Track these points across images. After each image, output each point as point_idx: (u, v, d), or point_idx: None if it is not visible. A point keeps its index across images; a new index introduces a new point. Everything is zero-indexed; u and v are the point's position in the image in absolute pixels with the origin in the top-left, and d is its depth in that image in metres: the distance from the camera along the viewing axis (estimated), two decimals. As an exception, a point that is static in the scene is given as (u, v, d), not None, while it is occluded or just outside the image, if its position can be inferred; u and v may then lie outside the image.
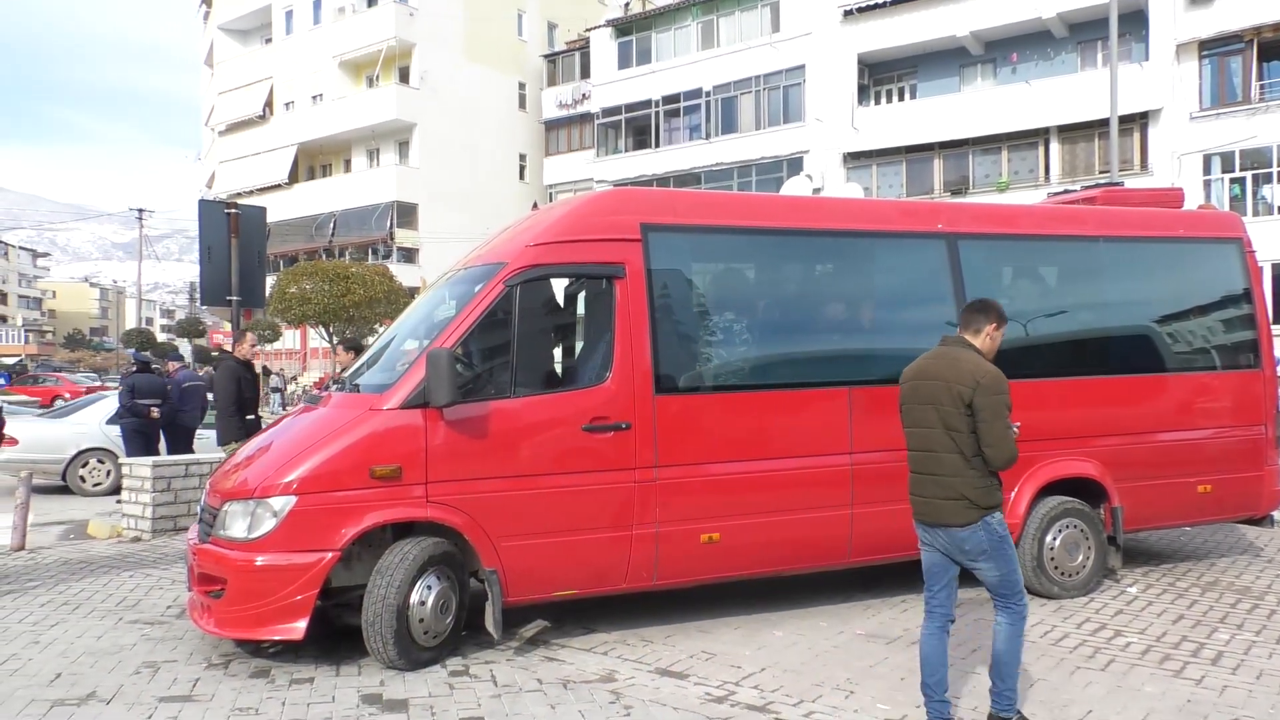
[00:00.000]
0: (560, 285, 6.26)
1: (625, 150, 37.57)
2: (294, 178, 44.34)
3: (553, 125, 41.98)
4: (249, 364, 9.49)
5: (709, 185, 33.47)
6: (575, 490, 5.59)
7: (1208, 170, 25.97)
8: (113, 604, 6.70)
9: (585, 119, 39.82)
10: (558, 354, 6.78)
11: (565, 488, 5.57)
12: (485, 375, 5.71)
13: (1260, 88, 25.68)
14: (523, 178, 44.07)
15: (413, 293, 31.89)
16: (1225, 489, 7.37)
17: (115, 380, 32.08)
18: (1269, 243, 20.28)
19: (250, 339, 9.60)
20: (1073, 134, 28.01)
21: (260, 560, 5.12)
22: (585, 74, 39.72)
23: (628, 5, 40.22)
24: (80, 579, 7.46)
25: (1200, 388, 7.45)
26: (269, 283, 25.51)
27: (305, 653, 5.43)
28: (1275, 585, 7.12)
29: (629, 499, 5.70)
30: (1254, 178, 25.64)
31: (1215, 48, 25.93)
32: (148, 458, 9.79)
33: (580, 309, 6.37)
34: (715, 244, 6.44)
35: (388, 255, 40.20)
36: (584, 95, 39.51)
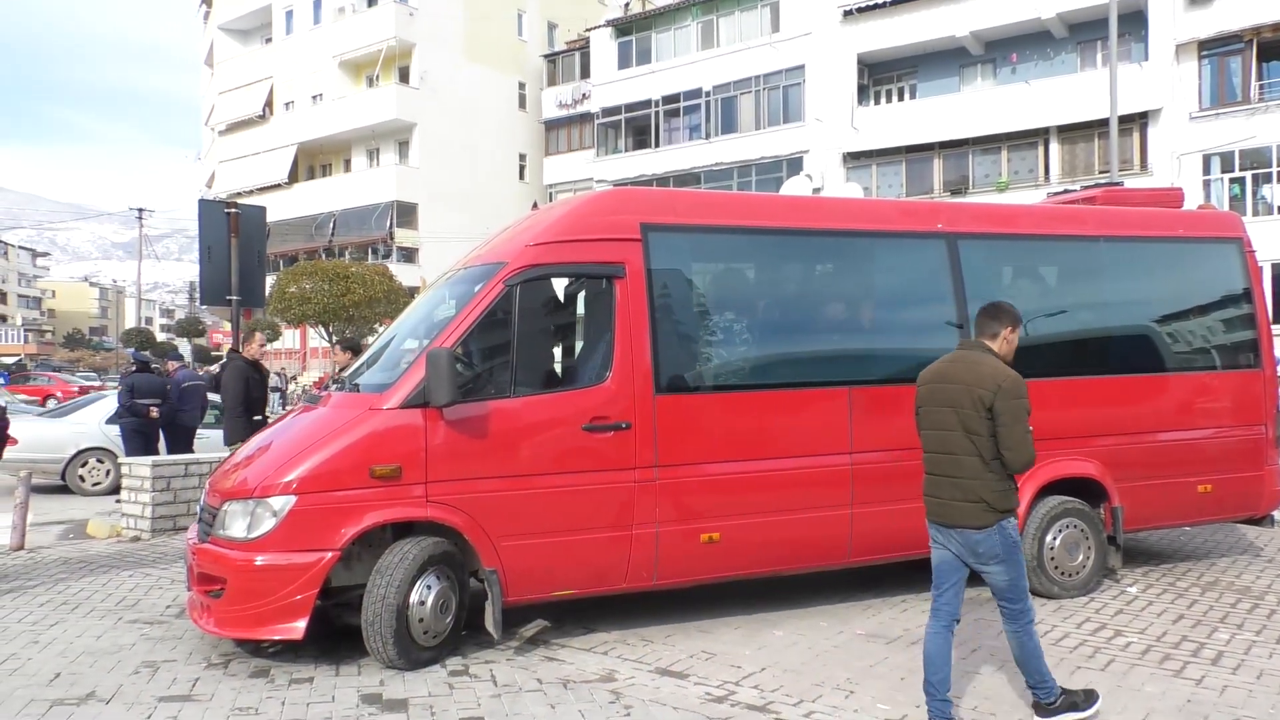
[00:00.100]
0: (560, 285, 6.25)
1: (625, 150, 37.58)
2: (294, 177, 44.35)
3: (553, 125, 41.99)
4: (257, 364, 9.49)
5: (709, 185, 33.47)
6: (575, 490, 5.59)
7: (1207, 170, 25.99)
8: (112, 604, 6.70)
9: (585, 119, 39.83)
10: (558, 354, 6.77)
11: (565, 487, 5.56)
12: (485, 375, 5.71)
13: (1260, 88, 25.69)
14: (523, 178, 44.07)
15: (412, 292, 31.91)
16: (1225, 489, 7.37)
17: (115, 380, 32.07)
18: (1269, 243, 20.29)
19: (259, 339, 9.59)
20: (1072, 134, 28.03)
21: (260, 560, 5.11)
22: (585, 74, 39.73)
23: (628, 5, 40.23)
24: (80, 578, 7.46)
25: (1200, 388, 7.45)
26: (269, 282, 25.50)
27: (305, 652, 5.43)
28: (1275, 585, 7.12)
29: (629, 499, 5.70)
30: (1253, 178, 25.66)
31: (1215, 48, 25.94)
32: (147, 457, 9.79)
33: (580, 309, 6.36)
34: (715, 244, 6.43)
35: (388, 255, 40.21)
36: (584, 95, 39.51)
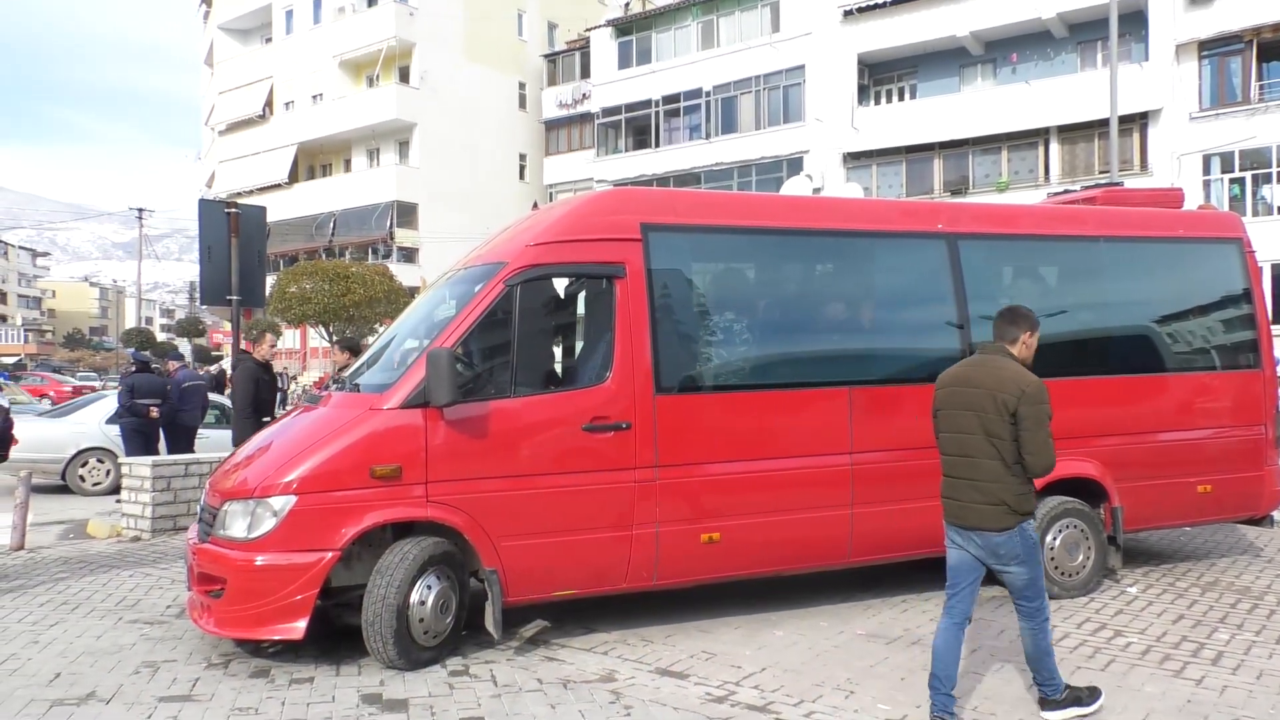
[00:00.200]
0: (560, 285, 6.25)
1: (625, 150, 37.57)
2: (294, 177, 44.32)
3: (553, 125, 41.98)
4: (268, 365, 9.49)
5: (709, 185, 33.47)
6: (575, 490, 5.59)
7: (1207, 170, 25.98)
8: (112, 603, 6.70)
9: (585, 119, 39.82)
10: (558, 354, 6.78)
11: (565, 487, 5.56)
12: (485, 375, 5.71)
13: (1260, 88, 25.69)
14: (523, 178, 44.06)
15: (413, 292, 31.89)
16: (1225, 489, 7.37)
17: (115, 380, 32.06)
18: (1269, 243, 20.30)
19: (269, 339, 9.59)
20: (1072, 134, 28.02)
21: (260, 560, 5.11)
22: (585, 74, 39.72)
23: (628, 5, 40.23)
24: (80, 578, 7.46)
25: (1200, 388, 7.45)
26: (269, 282, 25.51)
27: (305, 652, 5.43)
28: (1275, 585, 7.12)
29: (629, 499, 5.70)
30: (1253, 178, 25.64)
31: (1215, 48, 25.93)
32: (147, 457, 9.79)
33: (580, 309, 6.36)
34: (715, 244, 6.43)
35: (388, 255, 40.19)
36: (584, 95, 39.50)
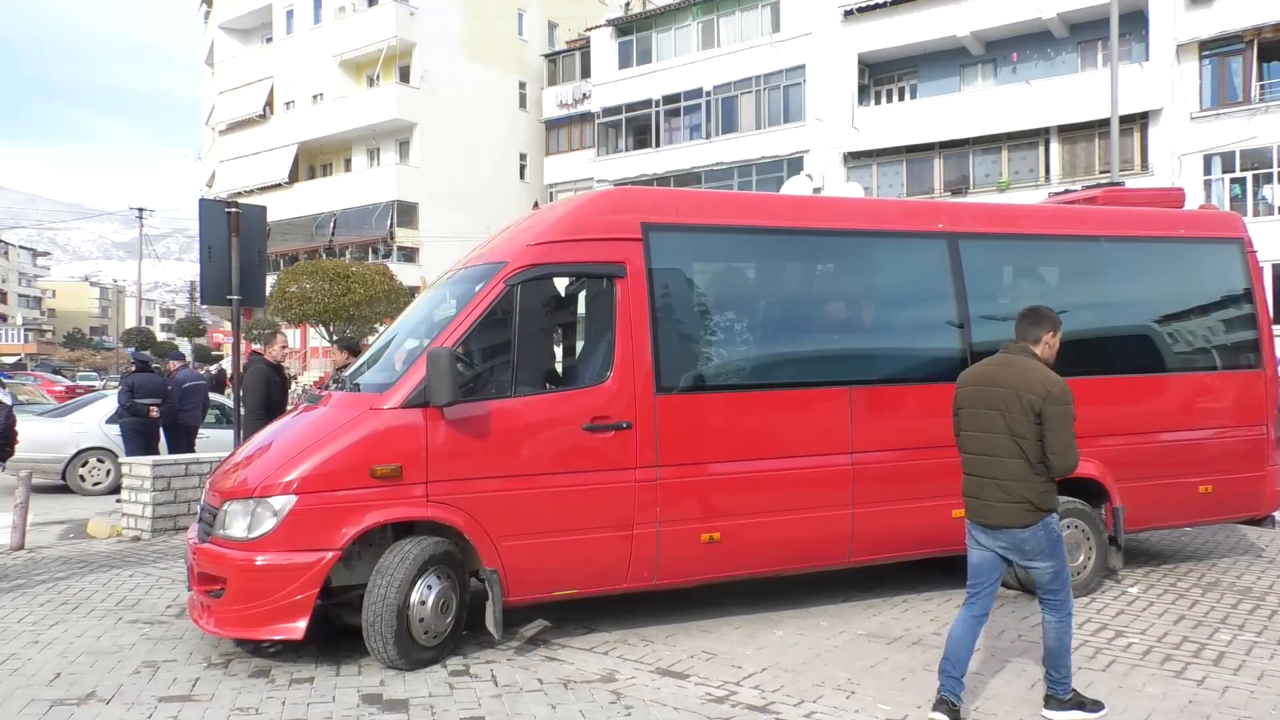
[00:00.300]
0: (561, 284, 6.25)
1: (626, 150, 37.56)
2: (294, 177, 44.29)
3: (553, 125, 41.97)
4: (279, 366, 9.49)
5: (709, 185, 33.46)
6: (576, 490, 5.58)
7: (1208, 170, 25.97)
8: (112, 603, 6.69)
9: (586, 118, 39.82)
10: (558, 353, 6.76)
11: (566, 487, 5.56)
12: (486, 375, 5.70)
13: (1260, 88, 25.68)
14: (523, 177, 44.03)
15: (413, 292, 31.89)
16: (1226, 489, 7.37)
17: (115, 380, 32.06)
18: (1269, 243, 20.24)
19: (281, 340, 9.59)
20: (1073, 134, 28.00)
21: (260, 560, 5.11)
22: (585, 74, 39.70)
23: (628, 5, 40.21)
24: (80, 578, 7.46)
25: (1201, 388, 7.45)
26: (269, 282, 25.50)
27: (305, 652, 5.42)
28: (1276, 586, 7.11)
29: (630, 498, 5.69)
30: (1254, 178, 25.63)
31: (1215, 48, 25.92)
32: (147, 457, 9.78)
33: (581, 308, 6.36)
34: (716, 243, 6.43)
35: (388, 255, 40.18)
36: (584, 95, 39.49)
